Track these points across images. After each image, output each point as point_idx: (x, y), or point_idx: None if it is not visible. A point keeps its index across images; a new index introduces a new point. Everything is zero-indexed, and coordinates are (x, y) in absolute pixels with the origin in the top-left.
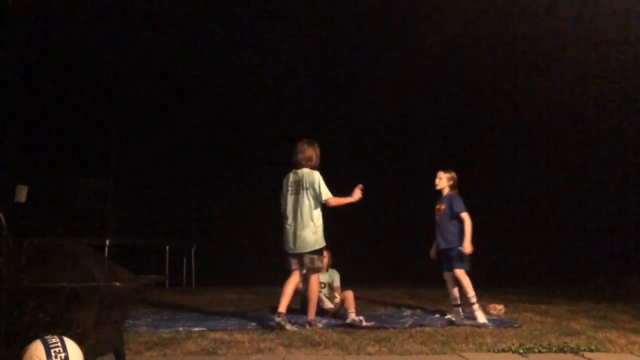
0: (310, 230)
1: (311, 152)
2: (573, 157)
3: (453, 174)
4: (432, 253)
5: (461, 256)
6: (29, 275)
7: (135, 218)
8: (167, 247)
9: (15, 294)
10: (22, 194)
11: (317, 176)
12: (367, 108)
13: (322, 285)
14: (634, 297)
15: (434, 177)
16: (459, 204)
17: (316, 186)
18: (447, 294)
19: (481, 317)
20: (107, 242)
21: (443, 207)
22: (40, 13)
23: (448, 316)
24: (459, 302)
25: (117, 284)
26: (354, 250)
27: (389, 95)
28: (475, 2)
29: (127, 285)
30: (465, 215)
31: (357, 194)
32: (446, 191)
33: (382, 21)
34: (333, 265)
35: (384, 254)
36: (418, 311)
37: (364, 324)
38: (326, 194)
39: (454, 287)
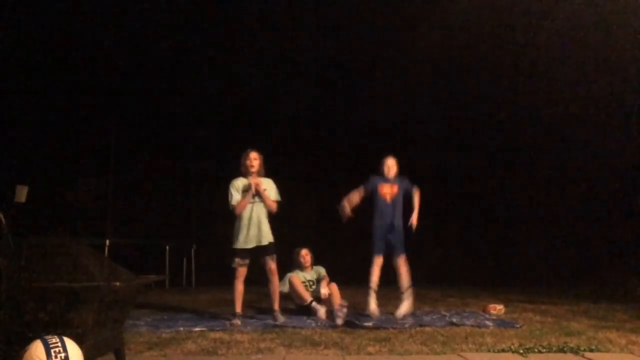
0: None
1: (241, 160)
2: (573, 156)
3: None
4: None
5: (402, 240)
6: (29, 275)
7: (135, 218)
8: (167, 247)
9: (15, 294)
10: (22, 194)
11: (230, 184)
12: (365, 109)
13: (311, 283)
14: (634, 297)
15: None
16: (410, 183)
17: None
18: (447, 294)
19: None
20: (107, 242)
21: (396, 189)
22: (40, 12)
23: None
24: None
25: (117, 284)
26: (354, 251)
27: (388, 95)
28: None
29: (127, 285)
30: (417, 192)
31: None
32: (394, 174)
33: (381, 22)
34: (319, 263)
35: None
36: (418, 311)
37: (365, 324)
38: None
39: (379, 271)
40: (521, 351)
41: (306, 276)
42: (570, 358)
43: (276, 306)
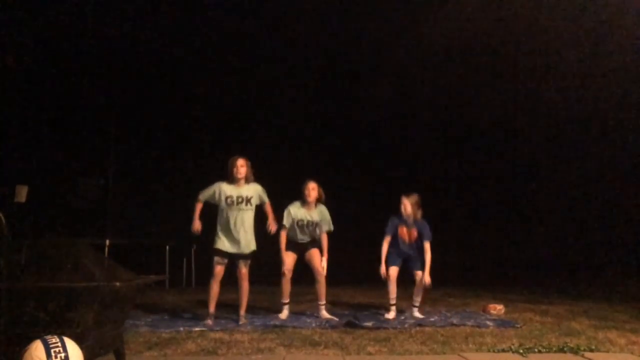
0: None
1: (228, 166)
2: (574, 158)
3: (417, 198)
4: (384, 272)
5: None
6: (29, 275)
7: (135, 218)
8: (167, 247)
9: (15, 294)
10: (22, 194)
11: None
12: (366, 109)
13: (309, 224)
14: (634, 297)
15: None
16: (429, 232)
17: None
18: (448, 294)
19: (419, 314)
20: (107, 242)
21: (416, 233)
22: (40, 13)
23: (389, 316)
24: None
25: (117, 284)
26: (354, 250)
27: (389, 95)
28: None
29: (127, 285)
30: (429, 246)
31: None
32: (414, 216)
33: (380, 21)
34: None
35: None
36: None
37: (365, 324)
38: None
39: (395, 284)
40: (521, 351)
41: (306, 215)
42: (570, 358)
43: (242, 311)
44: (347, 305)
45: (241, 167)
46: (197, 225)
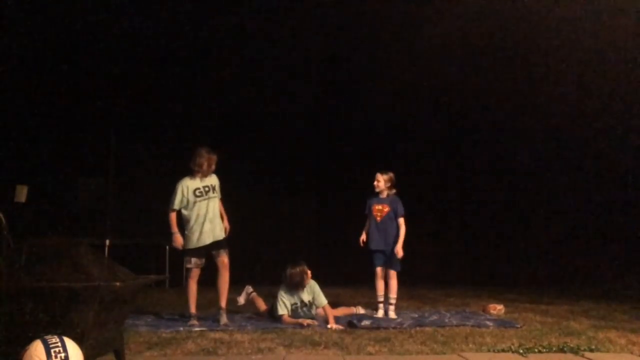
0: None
1: (197, 159)
2: (573, 157)
3: (391, 175)
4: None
5: (398, 258)
6: (29, 275)
7: (135, 218)
8: (167, 247)
9: (15, 294)
10: (22, 194)
11: (179, 184)
12: (365, 110)
13: (303, 304)
14: (634, 297)
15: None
16: (402, 208)
17: None
18: (448, 294)
19: (393, 315)
20: (107, 242)
21: (387, 208)
22: (40, 12)
23: (378, 314)
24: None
25: (117, 284)
26: (354, 250)
27: (388, 95)
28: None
29: (127, 285)
30: (403, 221)
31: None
32: (386, 193)
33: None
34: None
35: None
36: (418, 311)
37: (364, 323)
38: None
39: (382, 283)
40: (521, 351)
41: (301, 297)
42: (570, 358)
43: (223, 304)
44: (347, 305)
45: (213, 162)
46: (179, 239)
